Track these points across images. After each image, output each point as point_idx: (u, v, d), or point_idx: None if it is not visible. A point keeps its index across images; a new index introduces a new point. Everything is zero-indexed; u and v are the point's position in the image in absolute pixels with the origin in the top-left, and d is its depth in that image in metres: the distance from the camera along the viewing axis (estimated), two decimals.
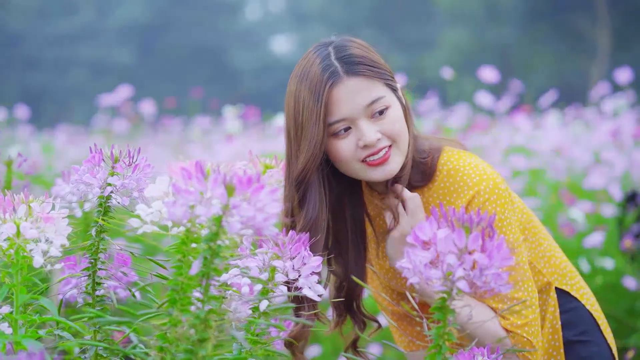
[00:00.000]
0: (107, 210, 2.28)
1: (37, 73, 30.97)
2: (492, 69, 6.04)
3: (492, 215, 2.01)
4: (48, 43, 31.33)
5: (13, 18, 31.30)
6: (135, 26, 32.62)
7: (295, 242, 2.23)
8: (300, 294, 2.21)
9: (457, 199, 2.62)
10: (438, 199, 2.65)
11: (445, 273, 1.95)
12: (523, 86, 7.49)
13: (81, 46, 31.57)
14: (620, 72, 6.63)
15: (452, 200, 2.63)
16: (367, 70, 2.58)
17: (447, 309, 2.00)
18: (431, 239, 1.98)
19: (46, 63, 31.14)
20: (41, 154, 7.71)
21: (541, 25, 28.91)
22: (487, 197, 2.60)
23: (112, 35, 32.42)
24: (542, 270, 2.79)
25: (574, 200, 5.19)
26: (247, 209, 1.89)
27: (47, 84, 30.65)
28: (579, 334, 2.80)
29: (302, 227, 2.61)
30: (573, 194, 5.38)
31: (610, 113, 6.66)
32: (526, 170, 5.86)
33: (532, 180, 5.80)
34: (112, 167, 2.27)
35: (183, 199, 1.90)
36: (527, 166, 5.82)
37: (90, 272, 2.28)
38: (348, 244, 2.82)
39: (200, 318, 1.91)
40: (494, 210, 2.58)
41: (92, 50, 31.65)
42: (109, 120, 8.40)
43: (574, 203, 5.18)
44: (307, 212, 2.64)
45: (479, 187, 2.59)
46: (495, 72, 6.03)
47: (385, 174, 2.61)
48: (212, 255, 1.93)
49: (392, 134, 2.58)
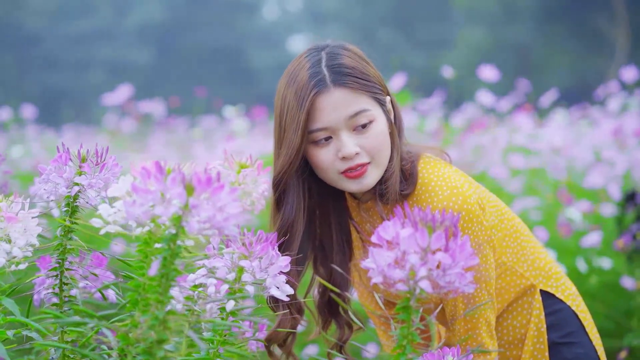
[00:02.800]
0: (75, 210, 2.27)
1: (55, 73, 31.06)
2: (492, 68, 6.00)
3: (457, 215, 1.99)
4: (66, 43, 31.42)
5: (31, 19, 31.41)
6: (153, 26, 32.68)
7: (263, 242, 2.22)
8: (268, 294, 2.20)
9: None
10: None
11: (408, 273, 1.93)
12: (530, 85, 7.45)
13: (99, 46, 31.64)
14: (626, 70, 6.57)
15: None
16: (354, 83, 2.56)
17: (410, 309, 1.98)
18: (394, 238, 1.97)
19: (65, 63, 31.23)
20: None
21: (558, 24, 28.78)
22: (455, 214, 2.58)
23: (130, 36, 32.48)
24: (525, 274, 2.77)
25: (572, 200, 5.15)
26: (207, 208, 1.88)
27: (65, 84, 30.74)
28: (564, 336, 2.78)
29: (278, 228, 2.62)
30: (572, 193, 5.34)
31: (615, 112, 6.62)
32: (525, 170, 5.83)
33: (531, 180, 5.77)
34: (79, 167, 2.25)
35: (142, 199, 1.88)
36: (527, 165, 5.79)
37: (58, 272, 2.26)
38: (333, 248, 2.81)
39: (158, 319, 1.90)
40: (462, 229, 2.56)
41: (111, 51, 31.73)
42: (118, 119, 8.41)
43: (572, 203, 5.14)
44: (283, 215, 2.65)
45: (447, 202, 2.57)
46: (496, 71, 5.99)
47: (361, 187, 2.61)
48: (172, 256, 1.91)
49: (371, 149, 2.58)
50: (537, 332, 2.76)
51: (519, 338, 2.78)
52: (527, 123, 6.29)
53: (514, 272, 2.76)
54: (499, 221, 2.74)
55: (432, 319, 2.06)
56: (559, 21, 28.79)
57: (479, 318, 2.63)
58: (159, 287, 1.92)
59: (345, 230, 2.83)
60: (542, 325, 2.76)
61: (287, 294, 2.22)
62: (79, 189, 2.24)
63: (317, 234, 2.82)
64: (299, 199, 2.66)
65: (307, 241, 2.77)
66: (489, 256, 2.63)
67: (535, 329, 2.76)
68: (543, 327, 2.76)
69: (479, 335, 2.63)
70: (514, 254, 2.76)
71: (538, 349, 2.76)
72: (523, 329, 2.78)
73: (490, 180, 5.57)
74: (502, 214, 2.77)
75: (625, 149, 5.65)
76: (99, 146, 2.35)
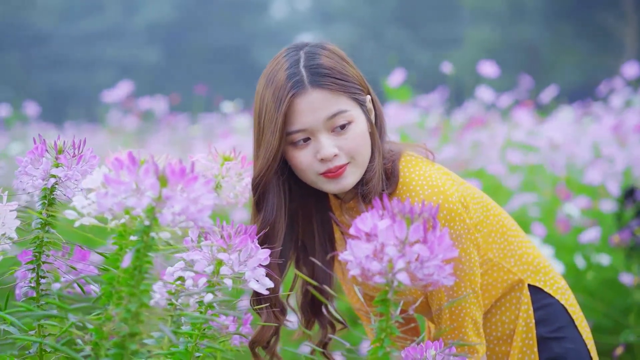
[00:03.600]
0: (52, 203, 2.24)
1: (63, 72, 31.09)
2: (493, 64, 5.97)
3: (436, 206, 1.96)
4: (74, 42, 31.46)
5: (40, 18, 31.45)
6: (161, 25, 32.69)
7: (242, 235, 2.19)
8: (247, 287, 2.17)
9: None
10: None
11: (386, 265, 1.90)
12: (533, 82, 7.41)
13: (108, 45, 31.67)
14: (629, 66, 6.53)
15: None
16: (332, 84, 2.53)
17: (389, 302, 1.95)
18: (372, 230, 1.94)
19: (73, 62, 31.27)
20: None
21: (566, 23, 28.70)
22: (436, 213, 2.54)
23: (138, 35, 32.50)
24: (512, 269, 2.74)
25: (571, 196, 5.12)
26: (180, 200, 1.85)
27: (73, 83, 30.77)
28: (553, 331, 2.75)
29: (259, 229, 2.59)
30: (570, 190, 5.30)
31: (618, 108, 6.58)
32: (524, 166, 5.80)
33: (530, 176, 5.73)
34: (55, 159, 2.23)
35: (114, 190, 1.85)
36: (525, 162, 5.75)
37: (35, 265, 2.23)
38: (315, 248, 2.79)
39: (131, 312, 1.87)
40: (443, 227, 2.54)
41: (119, 50, 31.76)
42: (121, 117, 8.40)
43: (571, 199, 5.10)
44: (264, 215, 2.63)
45: (428, 201, 2.53)
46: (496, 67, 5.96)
47: (340, 187, 2.58)
48: (145, 248, 1.88)
49: (350, 150, 2.54)
50: (525, 328, 2.73)
51: (507, 334, 2.75)
52: (526, 119, 6.25)
53: (501, 268, 2.73)
54: (484, 217, 2.70)
55: (411, 312, 2.03)
56: (567, 20, 28.72)
57: (464, 317, 2.60)
58: (132, 279, 1.89)
59: (328, 229, 2.81)
60: (531, 320, 2.73)
61: (267, 287, 2.19)
62: (56, 181, 2.21)
63: (299, 234, 2.80)
64: (280, 199, 2.63)
65: (289, 242, 2.74)
66: (473, 254, 2.60)
67: (524, 325, 2.73)
68: (532, 323, 2.73)
69: (465, 333, 2.60)
70: (501, 250, 2.73)
71: (527, 344, 2.73)
72: (512, 324, 2.74)
73: (488, 176, 5.53)
74: (488, 209, 2.74)
75: (626, 146, 5.61)
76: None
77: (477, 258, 2.62)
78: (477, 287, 2.61)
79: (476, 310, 2.61)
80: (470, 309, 2.60)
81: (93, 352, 1.92)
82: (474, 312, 2.60)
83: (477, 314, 2.62)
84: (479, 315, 2.62)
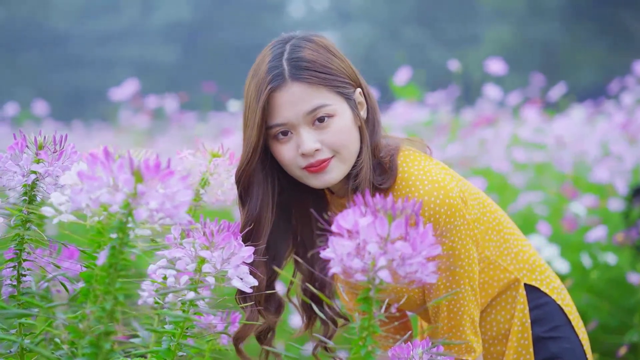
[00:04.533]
0: (33, 199, 2.20)
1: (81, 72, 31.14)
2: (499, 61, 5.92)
3: (419, 202, 1.92)
4: (92, 42, 31.51)
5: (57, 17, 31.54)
6: (179, 25, 32.70)
7: (225, 232, 2.15)
8: (230, 285, 2.13)
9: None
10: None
11: (368, 262, 1.86)
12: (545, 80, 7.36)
13: (126, 45, 31.72)
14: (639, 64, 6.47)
15: None
16: (312, 77, 2.48)
17: (371, 300, 1.91)
18: (354, 227, 1.90)
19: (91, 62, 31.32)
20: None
21: (586, 22, 28.56)
22: (437, 209, 2.50)
23: (156, 34, 32.53)
24: (509, 268, 2.69)
25: (578, 195, 5.06)
26: (156, 195, 1.81)
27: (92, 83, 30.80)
28: (549, 330, 2.70)
29: (243, 224, 2.55)
30: (578, 188, 5.24)
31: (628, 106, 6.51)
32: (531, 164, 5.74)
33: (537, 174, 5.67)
34: (36, 154, 2.19)
35: (88, 186, 1.82)
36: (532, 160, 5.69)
37: (15, 263, 2.20)
38: (314, 243, 2.75)
39: (106, 310, 1.83)
40: (444, 223, 2.49)
41: (137, 49, 31.78)
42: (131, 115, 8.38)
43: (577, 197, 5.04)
44: (248, 210, 2.59)
45: (429, 197, 2.49)
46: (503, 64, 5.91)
47: (323, 182, 2.54)
48: (121, 245, 1.85)
49: (333, 145, 2.50)
50: (521, 328, 2.68)
51: (502, 333, 2.70)
52: (534, 117, 6.18)
53: (498, 266, 2.68)
54: (481, 214, 2.66)
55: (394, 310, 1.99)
56: (586, 18, 28.57)
57: (462, 315, 2.56)
58: (107, 277, 1.85)
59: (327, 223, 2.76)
60: (527, 320, 2.69)
61: (251, 285, 2.15)
62: (36, 177, 2.17)
63: (297, 229, 2.76)
64: (266, 194, 2.59)
65: (285, 237, 2.71)
66: (472, 250, 2.55)
67: (519, 324, 2.68)
68: (527, 322, 2.69)
69: (463, 332, 2.56)
70: (497, 248, 2.68)
71: (522, 344, 2.69)
72: (507, 324, 2.70)
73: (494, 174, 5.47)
74: (485, 206, 2.70)
75: (635, 143, 5.55)
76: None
77: (476, 255, 2.58)
78: (476, 285, 2.57)
79: (474, 309, 2.57)
80: (468, 307, 2.56)
81: (69, 351, 1.89)
82: (472, 310, 2.56)
83: (475, 313, 2.57)
84: (476, 313, 2.58)
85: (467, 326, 2.56)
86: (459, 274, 2.53)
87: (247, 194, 2.58)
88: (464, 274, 2.53)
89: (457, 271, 2.52)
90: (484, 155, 5.82)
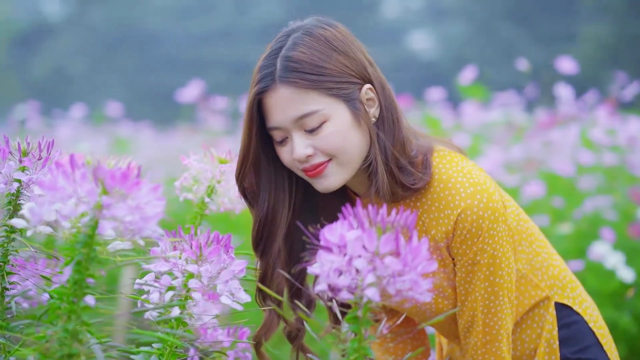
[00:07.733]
0: (18, 208, 2.09)
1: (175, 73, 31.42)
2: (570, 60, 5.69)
3: (413, 215, 1.74)
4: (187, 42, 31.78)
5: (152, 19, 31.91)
6: (272, 25, 32.73)
7: (214, 244, 2.00)
8: (220, 302, 1.99)
9: (449, 213, 2.34)
10: (434, 213, 2.37)
11: (357, 279, 1.70)
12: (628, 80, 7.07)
13: (220, 45, 31.92)
14: None
15: (447, 214, 2.34)
16: (301, 80, 2.29)
17: (359, 319, 1.75)
18: (341, 241, 1.73)
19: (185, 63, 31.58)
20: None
21: None
22: (480, 213, 2.30)
23: (250, 34, 32.66)
24: (540, 284, 2.49)
25: None
26: (121, 207, 1.67)
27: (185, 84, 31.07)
28: (578, 351, 2.50)
29: (253, 225, 2.40)
30: None
31: None
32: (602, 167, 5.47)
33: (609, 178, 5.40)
34: (19, 161, 2.08)
35: (50, 197, 1.69)
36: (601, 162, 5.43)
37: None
38: None
39: (69, 331, 1.70)
40: (487, 229, 2.30)
41: (231, 50, 31.95)
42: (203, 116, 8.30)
43: None
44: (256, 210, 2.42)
45: (472, 200, 2.30)
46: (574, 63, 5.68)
47: (324, 187, 2.35)
48: (87, 260, 1.71)
49: (326, 150, 2.30)
50: (548, 349, 2.48)
51: (527, 354, 2.50)
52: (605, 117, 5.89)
53: (529, 282, 2.48)
54: (516, 223, 2.47)
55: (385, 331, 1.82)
56: None
57: (499, 329, 2.37)
58: (72, 295, 1.72)
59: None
60: (555, 341, 2.48)
61: (244, 302, 2.00)
62: (19, 186, 2.06)
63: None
64: (278, 193, 2.42)
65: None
66: (512, 260, 2.36)
67: (546, 345, 2.48)
68: (555, 344, 2.48)
69: (499, 348, 2.38)
70: (528, 261, 2.49)
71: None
72: (532, 343, 2.49)
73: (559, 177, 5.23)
74: (518, 214, 2.50)
75: None
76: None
77: (514, 265, 2.39)
78: (513, 297, 2.38)
79: (510, 324, 2.39)
80: (505, 321, 2.37)
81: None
82: (509, 325, 2.38)
83: (511, 328, 2.39)
84: (511, 329, 2.40)
85: (504, 342, 2.38)
86: (499, 284, 2.34)
87: (251, 195, 2.42)
88: (503, 284, 2.35)
89: (497, 281, 2.34)
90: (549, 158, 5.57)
